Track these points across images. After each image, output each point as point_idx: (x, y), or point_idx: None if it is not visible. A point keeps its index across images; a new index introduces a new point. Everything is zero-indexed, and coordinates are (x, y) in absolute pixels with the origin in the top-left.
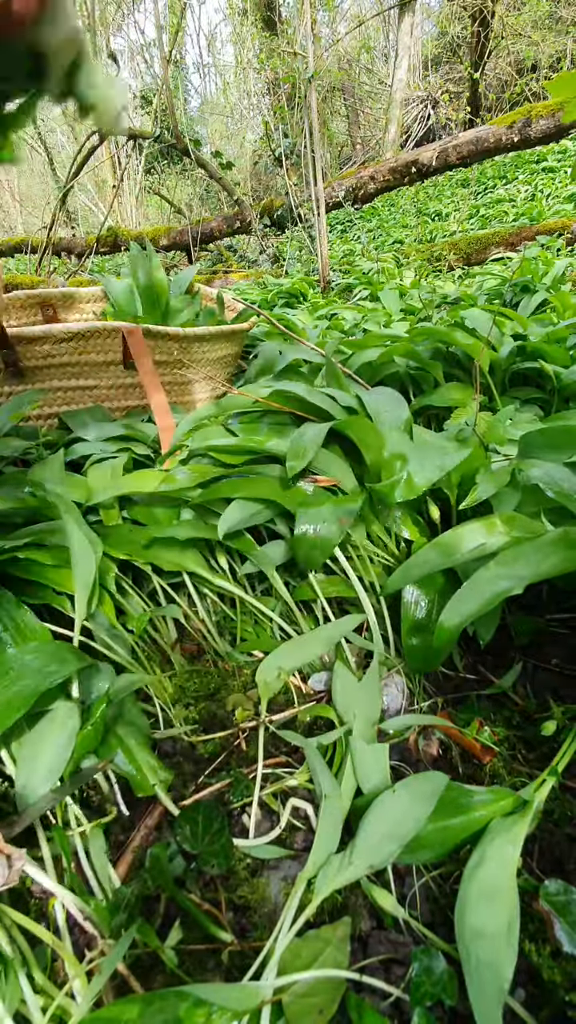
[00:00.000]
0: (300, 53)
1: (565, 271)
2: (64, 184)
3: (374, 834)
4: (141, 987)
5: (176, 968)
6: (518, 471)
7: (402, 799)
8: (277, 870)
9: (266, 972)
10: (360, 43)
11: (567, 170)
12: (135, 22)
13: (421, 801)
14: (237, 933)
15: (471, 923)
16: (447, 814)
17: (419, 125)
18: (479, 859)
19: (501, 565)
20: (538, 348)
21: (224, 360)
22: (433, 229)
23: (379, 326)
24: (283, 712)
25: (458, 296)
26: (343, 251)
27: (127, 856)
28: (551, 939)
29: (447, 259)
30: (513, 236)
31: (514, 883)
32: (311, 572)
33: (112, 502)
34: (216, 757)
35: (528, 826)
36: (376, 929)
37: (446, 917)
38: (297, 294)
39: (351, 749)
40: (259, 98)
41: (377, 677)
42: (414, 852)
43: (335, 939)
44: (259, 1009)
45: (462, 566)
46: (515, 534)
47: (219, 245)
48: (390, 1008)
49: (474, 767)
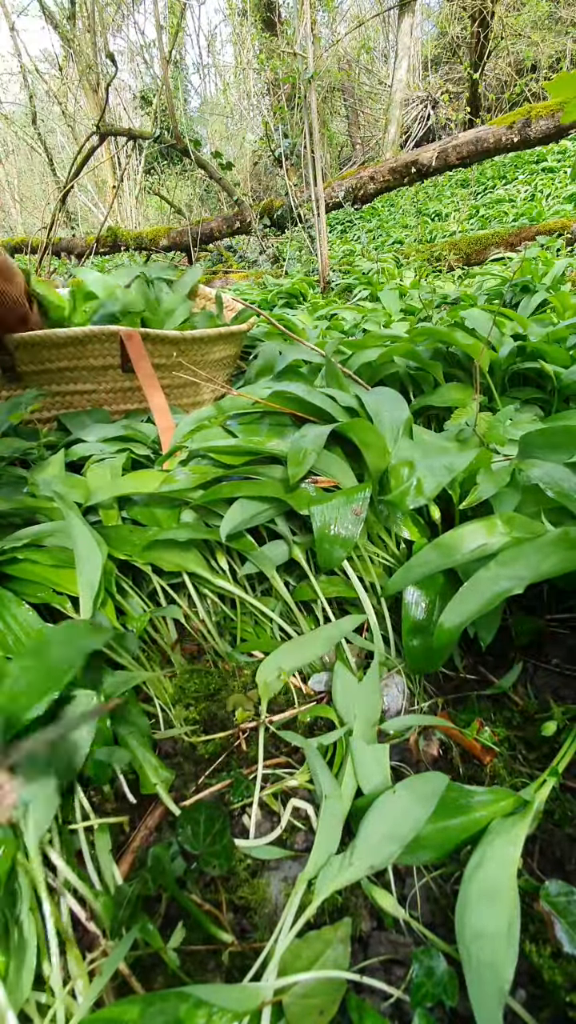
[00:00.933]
0: (300, 53)
1: (565, 271)
2: (64, 184)
3: (374, 834)
4: (142, 987)
5: (177, 969)
6: (518, 471)
7: (402, 800)
8: (277, 871)
9: (266, 973)
10: (360, 43)
11: (567, 170)
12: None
13: (421, 802)
14: (237, 934)
15: (472, 924)
16: (447, 814)
17: (419, 125)
18: (479, 860)
19: (501, 565)
20: (538, 348)
21: (223, 361)
22: (433, 229)
23: (379, 326)
24: (283, 712)
25: (458, 296)
26: (343, 251)
27: (128, 856)
28: (551, 940)
29: (447, 259)
30: (513, 236)
31: (515, 884)
32: (329, 571)
33: (111, 502)
34: (216, 757)
35: (529, 827)
36: (376, 930)
37: (446, 917)
38: (297, 294)
39: (351, 750)
40: (259, 98)
41: (377, 677)
42: (414, 852)
43: (336, 940)
44: (259, 1010)
45: (463, 566)
46: (515, 534)
47: (219, 245)
48: (390, 1009)
49: (475, 767)
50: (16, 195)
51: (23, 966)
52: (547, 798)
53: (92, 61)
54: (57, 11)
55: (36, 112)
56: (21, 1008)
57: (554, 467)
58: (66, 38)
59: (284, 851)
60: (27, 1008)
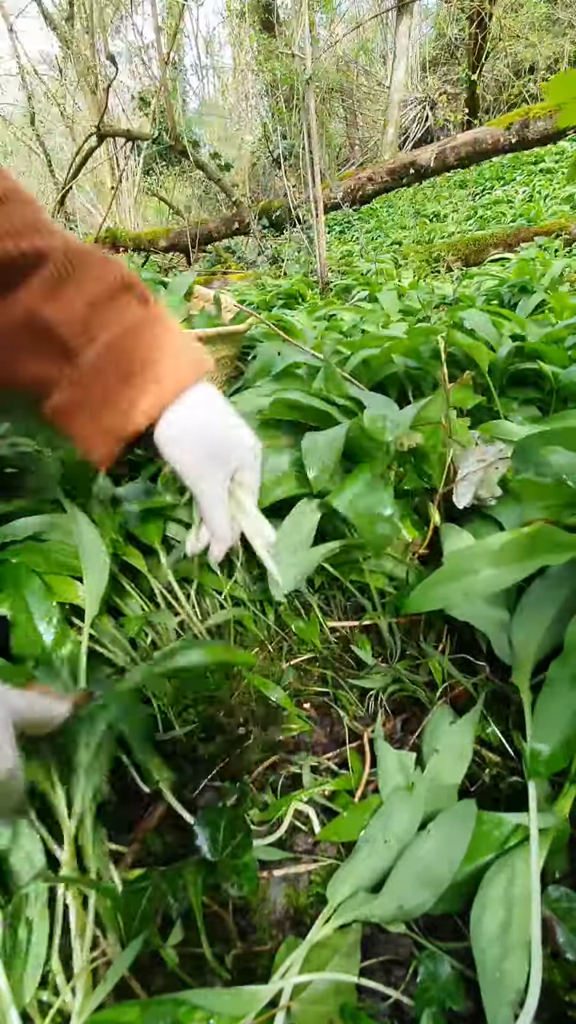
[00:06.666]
0: (298, 55)
1: (563, 272)
2: (63, 185)
3: (406, 879)
4: (141, 987)
5: (177, 968)
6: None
7: (434, 840)
8: (278, 871)
9: (274, 978)
10: (358, 45)
11: (565, 171)
12: (134, 24)
13: (453, 843)
14: (238, 935)
15: (488, 930)
16: (481, 852)
17: (417, 126)
18: (500, 866)
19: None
20: (536, 349)
21: (222, 362)
22: (431, 230)
23: (378, 327)
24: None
25: (456, 297)
26: (342, 252)
27: (128, 856)
28: (553, 944)
29: (445, 260)
30: (511, 237)
31: (537, 888)
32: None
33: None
34: (217, 758)
35: (551, 836)
36: (377, 930)
37: (447, 918)
38: (296, 295)
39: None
40: (257, 100)
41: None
42: (450, 902)
43: (345, 946)
44: (272, 1017)
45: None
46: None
47: (217, 246)
48: (390, 1009)
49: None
50: None
51: (28, 966)
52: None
53: (91, 63)
54: (56, 12)
55: (35, 113)
56: (23, 1007)
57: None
58: (64, 39)
59: (285, 853)
60: (28, 1008)
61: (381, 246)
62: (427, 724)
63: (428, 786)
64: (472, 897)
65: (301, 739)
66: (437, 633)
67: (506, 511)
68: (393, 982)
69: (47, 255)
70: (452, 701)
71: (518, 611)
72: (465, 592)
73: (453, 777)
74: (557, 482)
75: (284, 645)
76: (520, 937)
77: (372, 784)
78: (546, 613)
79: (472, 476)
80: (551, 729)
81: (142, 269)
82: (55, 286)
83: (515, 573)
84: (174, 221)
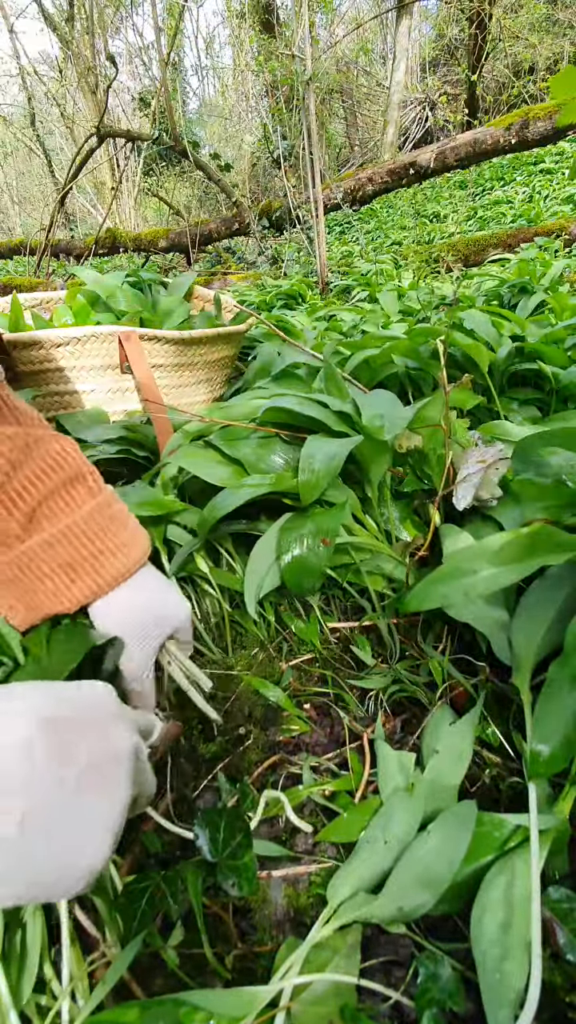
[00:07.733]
0: (298, 55)
1: (563, 272)
2: (63, 186)
3: (406, 880)
4: (141, 987)
5: (177, 969)
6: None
7: (433, 841)
8: (278, 872)
9: (274, 978)
10: (358, 45)
11: (565, 171)
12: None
13: (453, 844)
14: (238, 936)
15: (488, 931)
16: (481, 853)
17: (417, 127)
18: (500, 867)
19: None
20: (536, 349)
21: (222, 362)
22: (431, 231)
23: (377, 327)
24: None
25: (456, 297)
26: (341, 252)
27: (128, 857)
28: (553, 945)
29: (445, 260)
30: (511, 237)
31: (538, 889)
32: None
33: None
34: (217, 759)
35: (551, 837)
36: (377, 931)
37: (447, 918)
38: (296, 295)
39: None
40: (257, 100)
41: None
42: (450, 903)
43: (345, 947)
44: (272, 1018)
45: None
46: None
47: (217, 247)
48: (390, 1010)
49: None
50: (15, 197)
51: (26, 968)
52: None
53: (91, 63)
54: (56, 12)
55: (35, 114)
56: (21, 1009)
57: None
58: (64, 40)
59: (285, 850)
60: (27, 1009)
61: (381, 247)
62: (427, 725)
63: (428, 787)
64: (472, 898)
65: (301, 739)
66: (437, 634)
67: (506, 512)
68: (393, 983)
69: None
70: (452, 702)
71: (518, 611)
72: (465, 592)
73: (453, 778)
74: (557, 483)
75: (284, 645)
76: (520, 938)
77: (372, 785)
78: (546, 613)
79: (472, 477)
80: (551, 730)
81: (142, 269)
82: (7, 474)
83: (515, 573)
84: (174, 221)
